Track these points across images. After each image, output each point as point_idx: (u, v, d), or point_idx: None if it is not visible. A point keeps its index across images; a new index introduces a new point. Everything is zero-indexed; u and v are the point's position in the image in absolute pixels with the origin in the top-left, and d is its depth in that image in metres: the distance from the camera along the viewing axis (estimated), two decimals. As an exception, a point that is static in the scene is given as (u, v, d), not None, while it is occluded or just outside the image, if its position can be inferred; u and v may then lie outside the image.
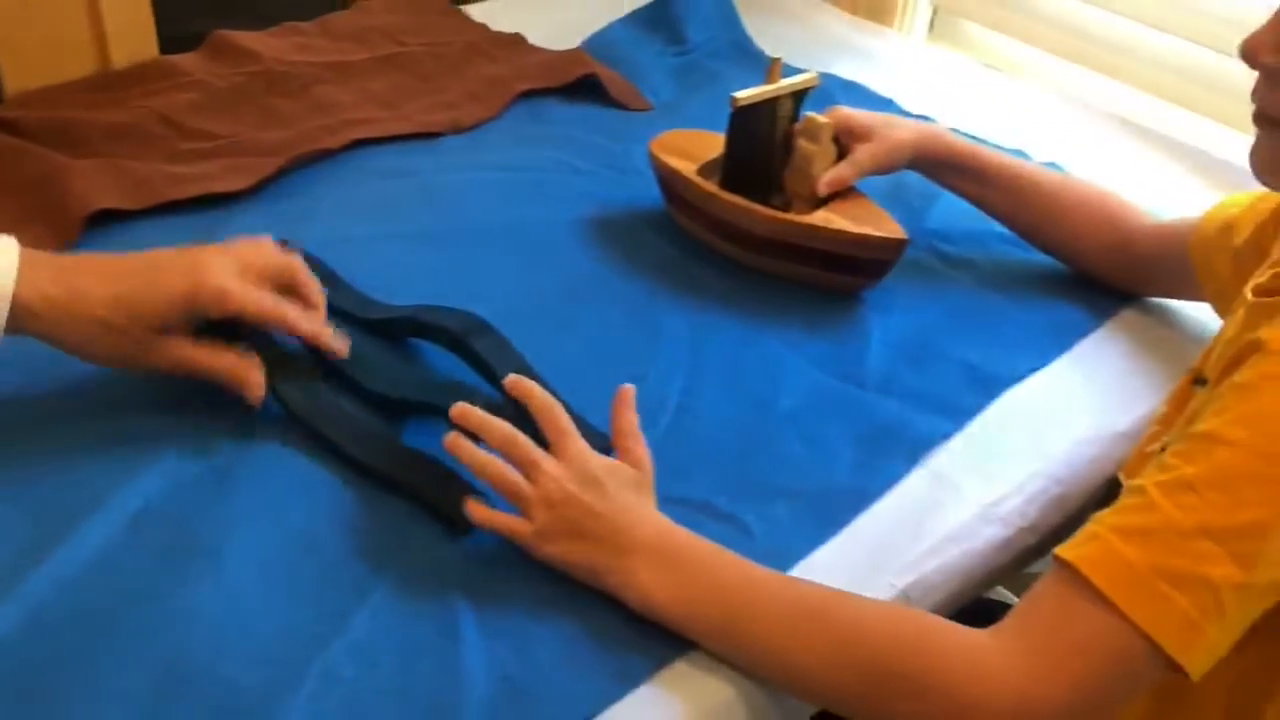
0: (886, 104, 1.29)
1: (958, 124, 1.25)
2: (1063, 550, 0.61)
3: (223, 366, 0.76)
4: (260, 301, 0.75)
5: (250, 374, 0.76)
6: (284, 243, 0.94)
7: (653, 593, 0.66)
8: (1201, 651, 0.58)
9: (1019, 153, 1.18)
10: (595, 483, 0.69)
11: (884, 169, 0.98)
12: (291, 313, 0.77)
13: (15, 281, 0.70)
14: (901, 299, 0.97)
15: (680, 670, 0.66)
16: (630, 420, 0.74)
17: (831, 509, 0.76)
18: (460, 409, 0.71)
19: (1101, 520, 0.62)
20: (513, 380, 0.74)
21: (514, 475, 0.69)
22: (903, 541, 0.75)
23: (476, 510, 0.70)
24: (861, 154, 0.96)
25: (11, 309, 0.70)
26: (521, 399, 0.73)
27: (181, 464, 0.74)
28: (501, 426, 0.70)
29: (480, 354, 0.82)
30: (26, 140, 1.05)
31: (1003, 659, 0.60)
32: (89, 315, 0.72)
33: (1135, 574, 0.58)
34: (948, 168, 1.00)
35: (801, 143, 0.97)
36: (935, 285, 1.00)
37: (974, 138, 1.21)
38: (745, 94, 0.94)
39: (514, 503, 0.69)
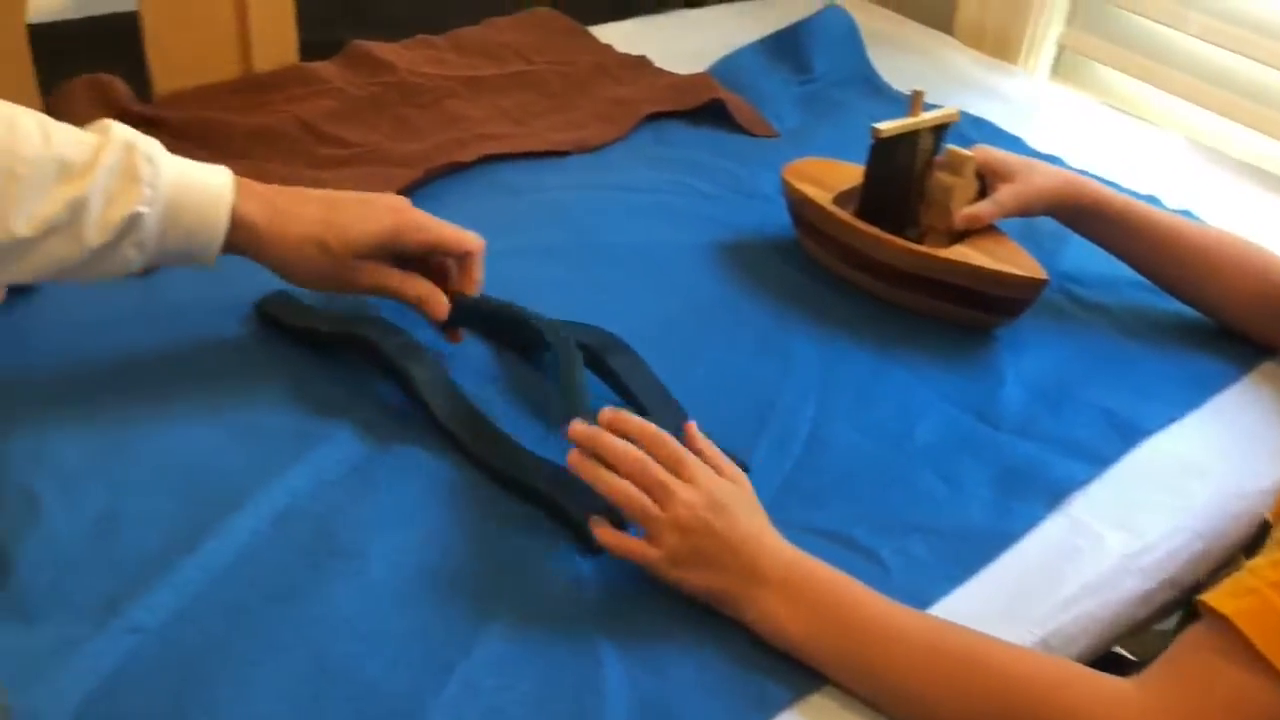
0: (1014, 142, 1.28)
1: (1085, 166, 1.24)
2: (1216, 601, 0.59)
3: (417, 291, 0.82)
4: (456, 234, 0.83)
5: (438, 297, 0.82)
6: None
7: (785, 625, 0.66)
8: None
9: (1152, 199, 1.16)
10: (724, 509, 0.68)
11: (1025, 211, 0.97)
12: (474, 243, 0.84)
13: (235, 195, 0.75)
14: (1034, 339, 0.96)
15: (818, 704, 0.65)
16: (706, 441, 0.73)
17: (970, 549, 0.75)
18: (608, 416, 0.71)
19: (1258, 572, 0.60)
20: (609, 415, 0.71)
21: (643, 498, 0.68)
22: (1042, 588, 0.74)
23: (604, 534, 0.69)
24: (1005, 193, 0.95)
25: (232, 222, 0.76)
26: (623, 433, 0.71)
27: (326, 463, 0.76)
28: (631, 450, 0.69)
29: (616, 371, 0.83)
30: (173, 139, 1.08)
31: (1146, 712, 0.59)
32: (304, 233, 0.79)
33: None
34: (1092, 217, 0.98)
35: (942, 175, 0.96)
36: (1068, 328, 0.98)
37: (1104, 181, 1.20)
38: (888, 125, 0.94)
39: (644, 525, 0.68)
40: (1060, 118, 1.38)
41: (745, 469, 0.78)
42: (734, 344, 0.92)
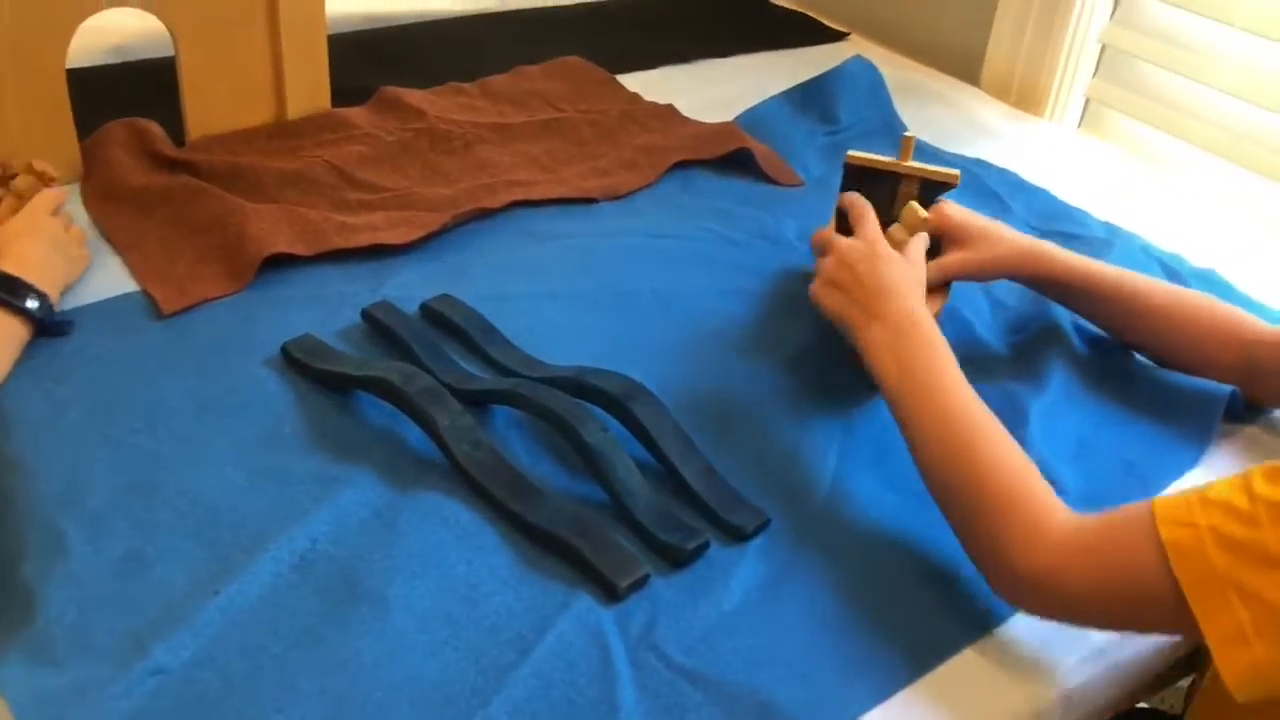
0: (1040, 193, 1.28)
1: (1111, 217, 1.24)
2: (1162, 513, 0.64)
3: None
4: None
5: None
6: (444, 296, 0.97)
7: (877, 354, 0.81)
8: (1245, 665, 0.60)
9: (1176, 258, 1.16)
10: (874, 257, 0.86)
11: (974, 278, 0.97)
12: None
13: None
14: (1053, 389, 0.94)
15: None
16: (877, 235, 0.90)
17: (993, 600, 0.74)
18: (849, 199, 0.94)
19: (1208, 506, 0.63)
20: (848, 198, 0.94)
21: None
22: (1066, 641, 0.73)
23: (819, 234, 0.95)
24: (950, 259, 0.95)
25: None
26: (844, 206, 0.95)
27: (348, 508, 0.76)
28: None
29: (639, 419, 0.83)
30: (205, 182, 1.09)
31: (1058, 546, 0.67)
32: None
33: (1213, 576, 0.61)
34: (1052, 286, 0.97)
35: (894, 229, 0.95)
36: (1085, 378, 0.97)
37: (1129, 234, 1.20)
38: (859, 154, 0.95)
39: (820, 250, 0.92)
40: (1087, 169, 1.38)
41: (764, 520, 0.78)
42: (757, 391, 0.92)
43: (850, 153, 0.95)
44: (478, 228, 1.12)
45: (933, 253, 0.96)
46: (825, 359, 0.95)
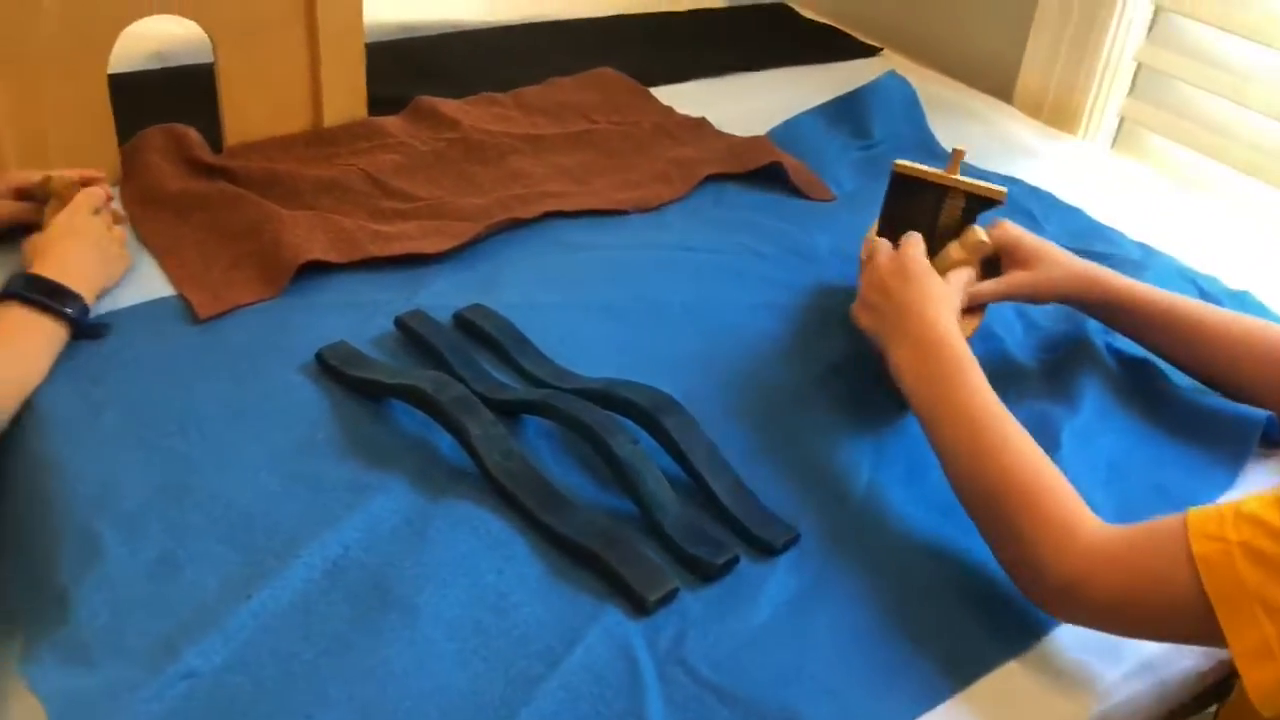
0: (1074, 212, 1.28)
1: (1145, 238, 1.23)
2: (1194, 531, 0.64)
3: None
4: None
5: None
6: (477, 306, 0.98)
7: (904, 373, 0.83)
8: (1271, 680, 0.60)
9: (1211, 279, 1.15)
10: (905, 274, 0.88)
11: (1033, 299, 0.97)
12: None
13: None
14: (1087, 412, 0.94)
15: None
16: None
17: (1028, 621, 0.74)
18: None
19: (1240, 520, 0.63)
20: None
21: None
22: (1098, 663, 0.72)
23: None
24: (1016, 278, 0.95)
25: None
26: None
27: (379, 515, 0.76)
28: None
29: (670, 432, 0.83)
30: (242, 188, 1.10)
31: (1088, 552, 0.68)
32: None
33: (1242, 591, 0.62)
34: (1104, 310, 0.97)
35: (953, 248, 0.95)
36: (1120, 400, 0.96)
37: (1164, 255, 1.19)
38: (908, 164, 0.95)
39: (866, 257, 0.94)
40: (1120, 189, 1.37)
41: (795, 535, 0.78)
42: (787, 406, 0.92)
43: (898, 161, 0.95)
44: (509, 237, 1.12)
45: (990, 270, 0.96)
46: (856, 375, 0.95)
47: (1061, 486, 0.72)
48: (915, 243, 0.92)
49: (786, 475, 0.84)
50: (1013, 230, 0.97)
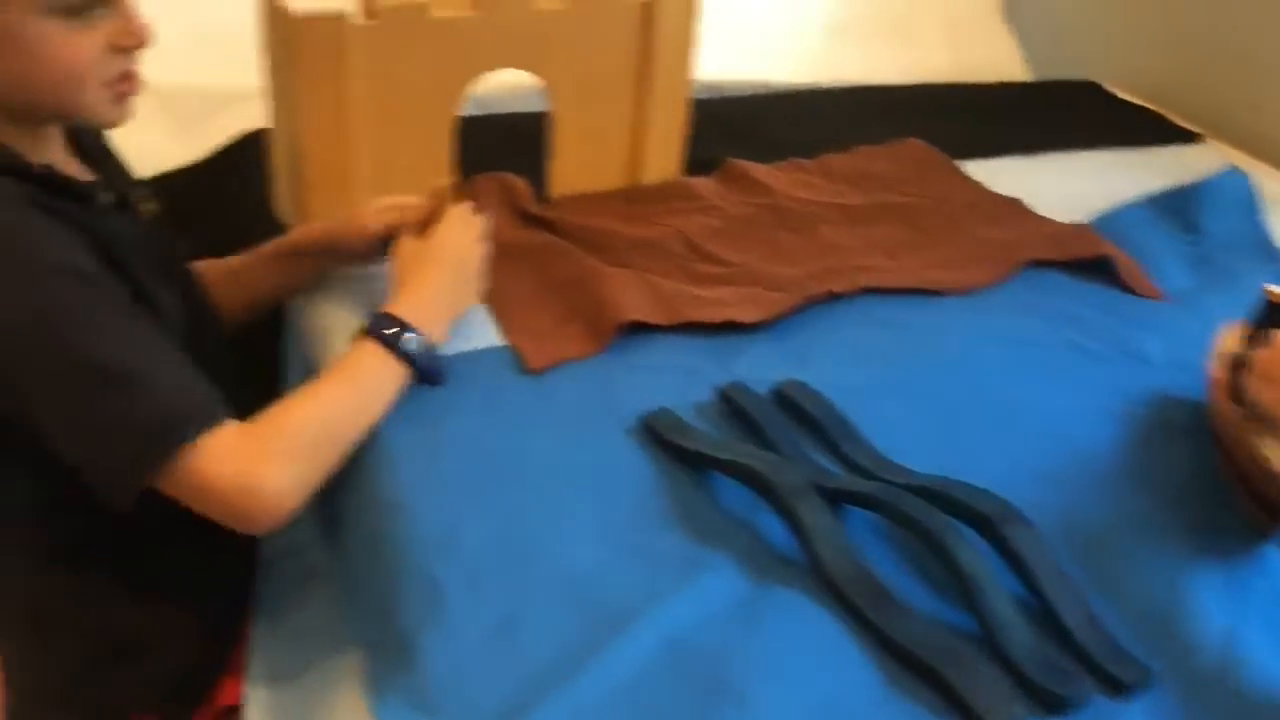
0: None
1: None
2: None
3: None
4: None
5: None
6: (796, 382, 0.95)
7: None
8: None
9: None
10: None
11: None
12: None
13: None
14: None
15: None
16: None
17: None
18: None
19: None
20: None
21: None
22: None
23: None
24: None
25: None
26: None
27: (711, 594, 0.75)
28: None
29: (1014, 546, 0.78)
30: (564, 241, 1.13)
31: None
32: None
33: None
34: None
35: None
36: None
37: None
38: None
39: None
40: None
41: (1148, 674, 0.72)
42: (1133, 529, 0.85)
43: (1268, 286, 0.87)
44: (820, 310, 1.10)
45: None
46: (1209, 500, 0.88)
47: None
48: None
49: (1135, 607, 0.78)
50: None
